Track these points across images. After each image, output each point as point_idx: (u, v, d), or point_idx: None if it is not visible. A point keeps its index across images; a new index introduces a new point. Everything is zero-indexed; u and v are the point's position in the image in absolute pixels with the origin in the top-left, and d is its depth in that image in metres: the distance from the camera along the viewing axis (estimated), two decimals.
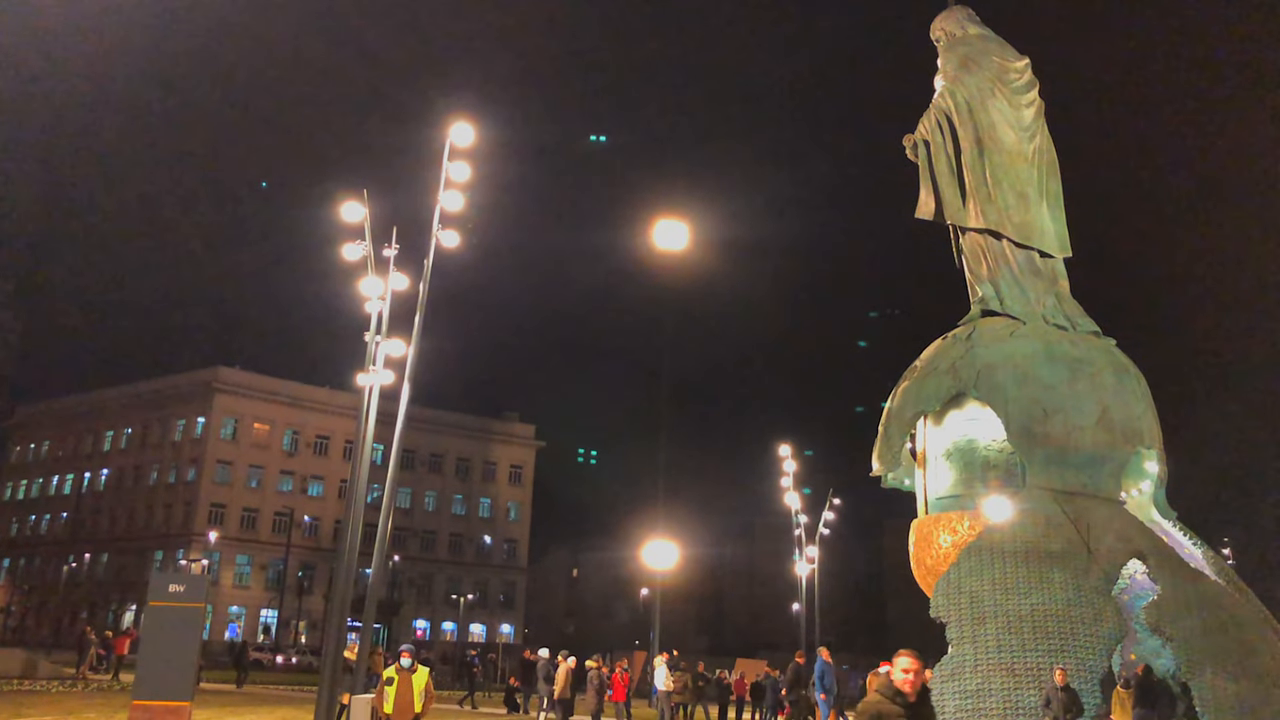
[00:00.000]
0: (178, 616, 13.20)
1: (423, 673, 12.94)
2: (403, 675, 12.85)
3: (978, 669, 16.41)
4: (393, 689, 12.70)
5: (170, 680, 12.85)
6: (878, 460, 21.08)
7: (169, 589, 13.49)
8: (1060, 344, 19.84)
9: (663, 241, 43.62)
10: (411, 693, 12.75)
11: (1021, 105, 22.45)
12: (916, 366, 21.09)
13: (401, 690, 12.71)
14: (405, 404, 16.41)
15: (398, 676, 12.76)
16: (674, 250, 44.13)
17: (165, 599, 13.35)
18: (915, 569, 20.54)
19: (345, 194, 16.77)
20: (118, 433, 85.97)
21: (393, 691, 12.67)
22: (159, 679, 12.87)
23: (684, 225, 44.71)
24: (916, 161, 22.68)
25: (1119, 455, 18.97)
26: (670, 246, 43.97)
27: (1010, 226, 21.24)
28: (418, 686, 12.83)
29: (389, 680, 12.86)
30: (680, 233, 44.55)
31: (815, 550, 40.71)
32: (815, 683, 22.53)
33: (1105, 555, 17.32)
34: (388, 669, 13.18)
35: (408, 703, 12.69)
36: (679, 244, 44.00)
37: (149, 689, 12.88)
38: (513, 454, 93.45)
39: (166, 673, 12.89)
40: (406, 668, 12.87)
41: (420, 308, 16.48)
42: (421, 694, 12.81)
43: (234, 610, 76.29)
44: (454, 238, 16.64)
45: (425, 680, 12.88)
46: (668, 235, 43.91)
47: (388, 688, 12.70)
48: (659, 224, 44.70)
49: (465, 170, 16.93)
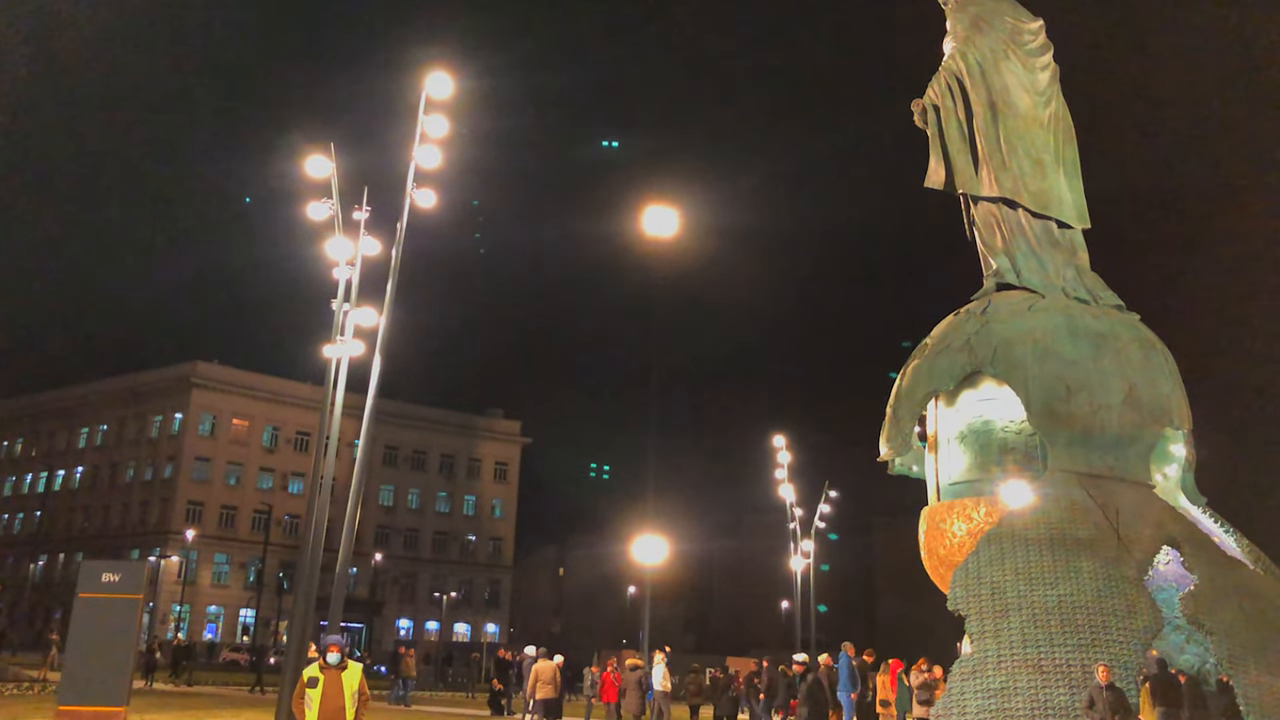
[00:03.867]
0: (112, 610, 11.48)
1: (355, 670, 10.56)
2: (330, 674, 10.40)
3: (1001, 666, 15.08)
4: (317, 692, 10.28)
5: (102, 682, 11.20)
6: (886, 444, 19.77)
7: (102, 579, 11.75)
8: (1083, 318, 18.58)
9: (652, 228, 42.28)
10: (342, 696, 10.30)
11: (1036, 68, 21.21)
12: (927, 344, 19.78)
13: (328, 693, 10.26)
14: (376, 378, 14.92)
15: (323, 676, 10.35)
16: (664, 237, 42.79)
17: (97, 590, 11.65)
18: (926, 559, 19.24)
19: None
20: (92, 429, 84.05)
21: (317, 695, 10.26)
22: (89, 681, 11.21)
23: (674, 211, 43.37)
24: (925, 128, 21.40)
25: (1147, 436, 17.71)
26: (660, 233, 42.64)
27: (1026, 195, 19.98)
28: (349, 688, 10.40)
29: (312, 681, 10.37)
30: (670, 219, 43.21)
31: (811, 544, 39.41)
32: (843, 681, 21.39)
33: (1137, 542, 16.04)
34: (309, 667, 10.64)
35: (336, 708, 10.26)
36: (669, 231, 42.66)
37: (76, 692, 11.24)
38: (498, 450, 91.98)
39: (97, 674, 11.22)
40: (335, 665, 10.43)
41: (393, 273, 15.02)
42: (354, 697, 10.41)
43: (212, 610, 74.58)
44: (429, 197, 15.18)
45: (358, 680, 10.52)
46: (657, 222, 42.56)
47: (310, 690, 10.29)
48: (648, 210, 43.33)
49: (443, 125, 15.49)
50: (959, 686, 15.14)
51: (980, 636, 15.51)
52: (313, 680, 10.30)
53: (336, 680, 10.33)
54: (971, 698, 14.97)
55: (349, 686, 10.37)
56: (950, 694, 15.19)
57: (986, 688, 14.96)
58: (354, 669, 10.51)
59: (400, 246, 15.00)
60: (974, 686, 15.05)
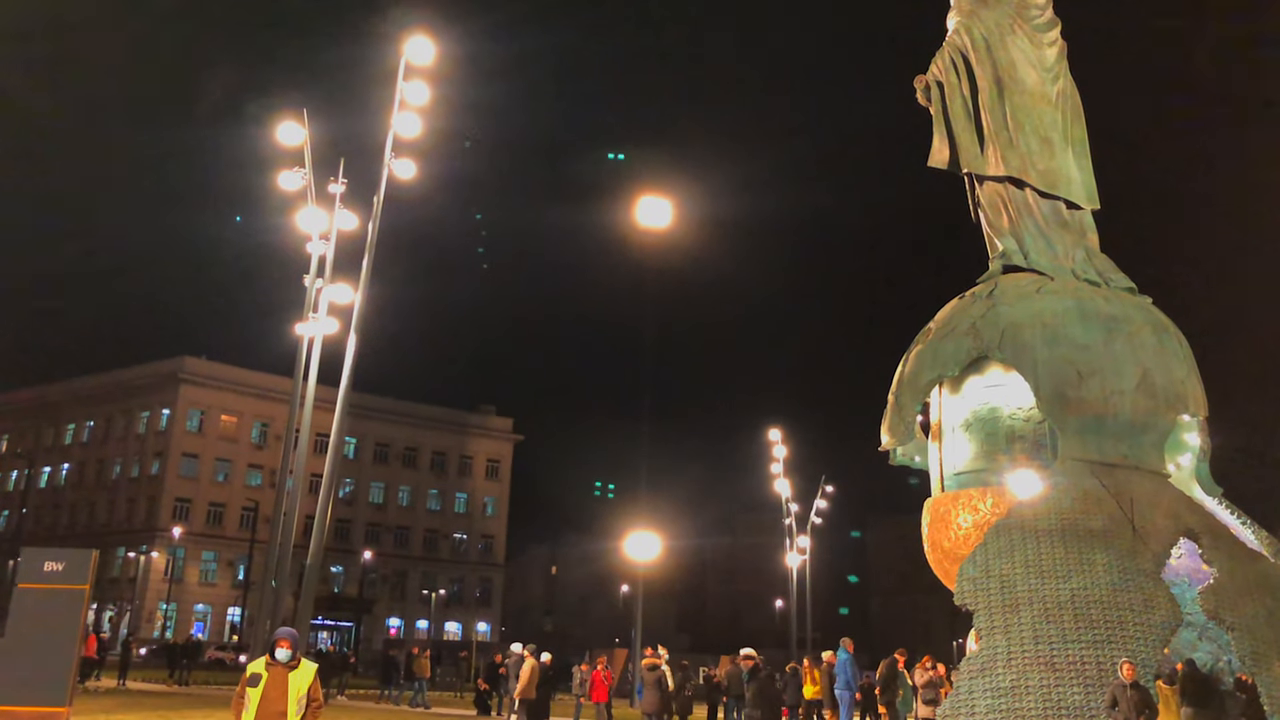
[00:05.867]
0: (54, 602, 10.51)
1: (306, 670, 9.24)
2: (274, 672, 9.03)
3: (1012, 663, 14.27)
4: (257, 691, 8.94)
5: (41, 681, 10.23)
6: (888, 433, 18.95)
7: (44, 568, 10.72)
8: (1093, 300, 17.77)
9: (645, 219, 41.40)
10: (285, 699, 8.89)
11: (1044, 44, 20.40)
12: (931, 329, 18.96)
13: (270, 694, 8.88)
14: (351, 361, 14.06)
15: (267, 674, 9.05)
16: (657, 228, 41.87)
17: (38, 580, 10.67)
18: (930, 552, 18.44)
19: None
20: (79, 425, 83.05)
21: (256, 695, 8.94)
22: (26, 679, 10.28)
23: (667, 202, 42.48)
24: (928, 106, 20.60)
25: (1162, 423, 16.90)
26: (653, 224, 41.73)
27: (1034, 174, 19.17)
28: (295, 690, 8.98)
29: (253, 679, 9.01)
30: (663, 210, 42.31)
31: (807, 540, 38.61)
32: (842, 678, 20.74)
33: (1153, 534, 15.24)
34: (254, 663, 9.32)
35: (276, 713, 8.87)
36: (662, 221, 41.77)
37: (10, 691, 10.21)
38: (490, 448, 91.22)
39: (37, 672, 10.27)
40: (282, 662, 9.11)
41: (369, 247, 14.18)
42: (300, 701, 8.99)
43: (199, 608, 73.69)
44: (409, 167, 14.34)
45: (308, 682, 9.17)
46: (650, 212, 41.67)
47: (250, 689, 8.98)
48: (641, 201, 42.42)
49: (423, 92, 14.65)
50: (967, 685, 14.34)
51: (989, 632, 14.70)
52: (254, 678, 9.03)
53: (282, 680, 9.01)
54: (980, 697, 14.17)
55: (296, 689, 9.02)
56: (958, 693, 14.39)
57: (996, 686, 14.16)
58: (305, 669, 9.25)
59: (377, 220, 14.17)
60: (983, 685, 14.25)
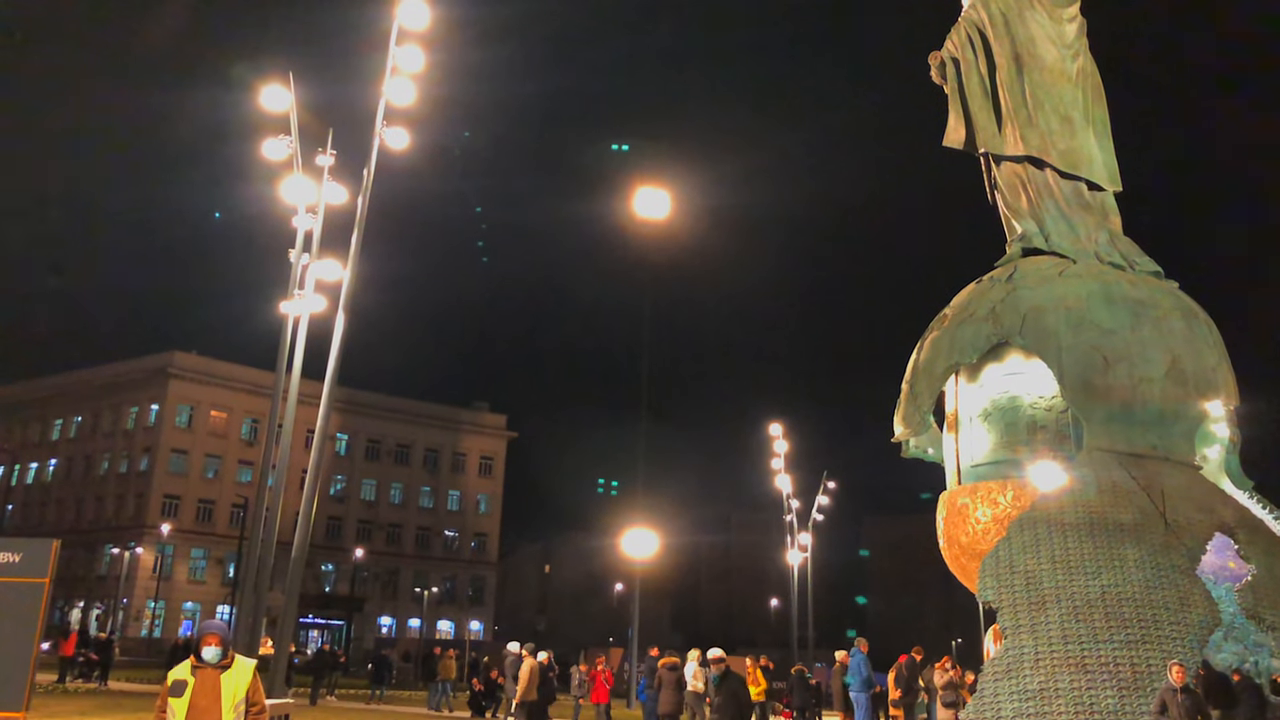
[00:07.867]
0: (10, 596, 9.66)
1: (243, 669, 7.75)
2: (203, 676, 7.58)
3: (1040, 664, 13.47)
4: (182, 701, 7.49)
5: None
6: (902, 423, 18.15)
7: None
8: (1119, 284, 16.98)
9: (644, 210, 40.51)
10: (218, 707, 7.49)
11: (1063, 20, 19.61)
12: (947, 315, 18.16)
13: (199, 702, 7.47)
14: (339, 338, 13.18)
15: (193, 680, 7.57)
16: (655, 219, 40.99)
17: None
18: (946, 548, 17.63)
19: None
20: (66, 421, 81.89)
21: (182, 706, 7.48)
22: None
23: (665, 193, 41.59)
24: (943, 84, 19.80)
25: (1193, 412, 16.11)
26: (651, 215, 40.85)
27: (1055, 153, 18.39)
28: (231, 694, 7.58)
29: (176, 686, 7.54)
30: (661, 201, 41.41)
31: (809, 538, 37.83)
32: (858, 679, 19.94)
33: (1186, 528, 14.45)
34: (175, 668, 7.72)
35: None
36: (660, 213, 40.90)
37: None
38: (483, 444, 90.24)
39: None
40: (211, 662, 7.63)
41: (359, 222, 13.29)
42: (238, 707, 7.58)
43: (188, 606, 72.59)
44: (401, 137, 13.47)
45: (246, 683, 7.70)
46: (649, 204, 40.79)
47: (173, 700, 7.51)
48: (639, 192, 41.53)
49: (419, 58, 13.79)
50: (992, 688, 13.52)
51: (1015, 631, 13.89)
52: (176, 686, 7.54)
53: (213, 684, 7.56)
54: (1007, 700, 13.35)
55: (231, 692, 7.59)
56: (982, 696, 13.57)
57: (1024, 689, 13.34)
58: (241, 668, 7.77)
59: (368, 192, 13.29)
60: (1009, 687, 13.44)
